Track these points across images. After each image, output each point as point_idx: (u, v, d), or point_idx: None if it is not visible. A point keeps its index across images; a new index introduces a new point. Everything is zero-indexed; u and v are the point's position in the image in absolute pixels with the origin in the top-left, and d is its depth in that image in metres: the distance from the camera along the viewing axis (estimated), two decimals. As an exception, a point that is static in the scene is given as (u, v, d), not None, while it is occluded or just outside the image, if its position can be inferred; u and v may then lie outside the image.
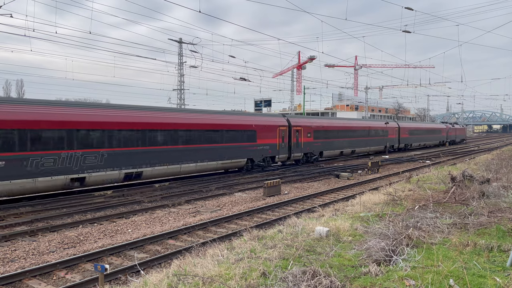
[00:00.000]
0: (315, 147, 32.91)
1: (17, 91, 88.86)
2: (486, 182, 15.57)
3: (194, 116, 23.01)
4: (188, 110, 25.45)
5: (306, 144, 31.49)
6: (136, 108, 20.59)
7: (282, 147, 28.75)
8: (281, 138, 28.44)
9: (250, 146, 25.96)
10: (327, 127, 34.77)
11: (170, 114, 21.81)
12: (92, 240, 11.29)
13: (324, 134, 34.04)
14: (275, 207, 15.93)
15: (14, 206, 14.99)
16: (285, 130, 29.17)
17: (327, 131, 34.62)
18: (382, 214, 11.01)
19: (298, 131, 30.56)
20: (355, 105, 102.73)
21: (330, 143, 34.83)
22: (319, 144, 33.37)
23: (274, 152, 28.04)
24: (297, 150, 30.59)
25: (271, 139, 27.68)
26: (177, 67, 51.54)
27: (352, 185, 21.61)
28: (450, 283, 5.77)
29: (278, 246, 7.96)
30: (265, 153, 27.18)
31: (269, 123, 27.96)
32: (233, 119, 25.37)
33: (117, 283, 7.75)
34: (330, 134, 34.98)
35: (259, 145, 26.59)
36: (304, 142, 31.23)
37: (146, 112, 20.39)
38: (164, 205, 15.84)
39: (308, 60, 63.59)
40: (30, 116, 15.37)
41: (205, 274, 6.34)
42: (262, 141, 26.82)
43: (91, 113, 17.77)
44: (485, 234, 8.69)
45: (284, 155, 29.20)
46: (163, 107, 25.74)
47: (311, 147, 32.32)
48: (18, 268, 8.99)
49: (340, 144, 36.26)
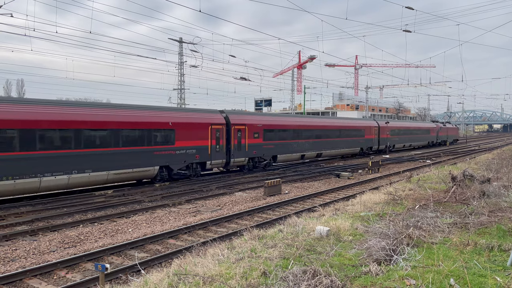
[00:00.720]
0: (266, 150, 27.21)
1: (18, 91, 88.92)
2: (486, 181, 15.58)
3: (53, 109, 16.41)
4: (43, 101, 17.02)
5: (252, 147, 25.93)
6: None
7: (217, 150, 23.28)
8: (214, 139, 23.05)
9: (165, 149, 20.34)
10: (282, 126, 28.96)
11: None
12: (92, 240, 11.30)
13: (278, 134, 28.31)
14: (276, 207, 15.93)
15: (15, 206, 15.00)
16: (221, 129, 23.65)
17: (282, 131, 28.85)
18: (382, 213, 11.00)
19: (240, 131, 25.08)
20: (355, 104, 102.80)
21: (286, 146, 29.00)
22: (271, 146, 27.64)
23: (204, 157, 22.51)
24: (239, 154, 25.02)
25: (199, 141, 22.22)
26: (178, 66, 51.59)
27: (353, 185, 21.61)
28: (451, 282, 5.76)
29: (279, 245, 7.97)
30: (190, 158, 21.66)
31: (195, 120, 22.36)
32: (135, 115, 19.39)
33: (118, 283, 7.75)
34: (286, 135, 29.17)
35: (180, 149, 21.05)
36: (249, 144, 25.71)
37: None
38: (164, 205, 15.84)
39: (308, 59, 63.57)
40: None
41: (206, 274, 6.34)
42: (184, 143, 21.30)
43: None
44: (486, 233, 8.69)
45: (219, 160, 23.66)
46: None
47: (260, 150, 26.68)
48: (19, 267, 8.99)
49: (300, 146, 30.50)
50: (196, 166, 22.64)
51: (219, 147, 23.40)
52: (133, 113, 19.36)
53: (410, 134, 51.17)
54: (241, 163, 25.73)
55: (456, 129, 71.09)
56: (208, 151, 22.73)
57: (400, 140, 48.23)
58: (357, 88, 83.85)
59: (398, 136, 47.59)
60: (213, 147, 22.98)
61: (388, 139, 44.87)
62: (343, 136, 36.43)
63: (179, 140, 21.04)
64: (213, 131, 22.98)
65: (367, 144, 40.84)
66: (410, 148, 51.95)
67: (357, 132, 39.18)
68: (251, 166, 26.73)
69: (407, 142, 50.05)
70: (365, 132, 40.43)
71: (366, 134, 40.54)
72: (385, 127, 44.37)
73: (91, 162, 17.13)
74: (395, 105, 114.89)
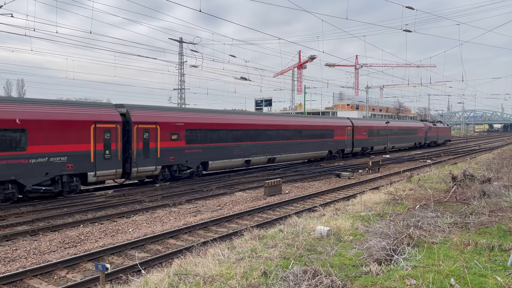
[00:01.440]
0: (190, 156, 21.88)
1: (18, 91, 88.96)
2: (487, 181, 15.58)
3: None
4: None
5: (167, 152, 20.54)
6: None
7: (106, 157, 17.84)
8: (102, 143, 17.65)
9: (8, 157, 14.81)
10: (214, 125, 23.43)
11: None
12: (93, 240, 11.30)
13: (207, 135, 22.83)
14: (276, 207, 15.93)
15: (15, 206, 15.01)
16: (114, 129, 18.13)
17: (214, 131, 23.31)
18: (383, 213, 11.00)
19: (149, 131, 19.63)
20: (355, 104, 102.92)
21: (221, 149, 23.70)
22: (198, 150, 22.25)
23: (82, 167, 17.03)
24: (146, 162, 19.52)
25: (73, 145, 16.72)
26: (178, 66, 51.65)
27: (353, 185, 21.61)
28: (451, 282, 5.76)
29: (279, 245, 7.97)
30: (56, 169, 16.17)
31: (66, 116, 16.67)
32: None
33: (118, 283, 7.76)
34: (221, 136, 23.75)
35: (38, 156, 15.57)
36: (163, 148, 20.35)
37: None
38: (165, 205, 15.84)
39: (308, 59, 63.66)
40: None
41: (206, 274, 6.35)
42: (44, 149, 15.80)
43: None
44: (486, 233, 8.69)
45: (110, 170, 18.11)
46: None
47: (181, 155, 21.31)
48: (19, 267, 8.99)
49: (243, 149, 25.20)
50: (70, 179, 16.99)
51: (109, 153, 18.01)
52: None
53: (393, 135, 45.43)
54: (149, 173, 20.08)
55: (448, 129, 66.25)
56: (91, 159, 17.36)
57: (380, 142, 42.71)
58: (357, 88, 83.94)
59: (377, 137, 42.10)
60: (99, 152, 17.62)
61: (364, 140, 39.52)
62: (306, 137, 31.15)
63: (35, 145, 15.60)
64: (99, 131, 17.63)
65: (337, 146, 35.49)
66: (394, 151, 47.09)
67: (325, 132, 33.51)
68: (167, 176, 21.18)
69: (389, 143, 44.28)
70: (335, 133, 35.03)
71: (337, 135, 35.20)
72: (361, 127, 39.08)
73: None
74: (396, 105, 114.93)
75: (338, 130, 35.39)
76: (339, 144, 35.82)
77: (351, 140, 37.55)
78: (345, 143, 36.60)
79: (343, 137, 36.19)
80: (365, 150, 40.24)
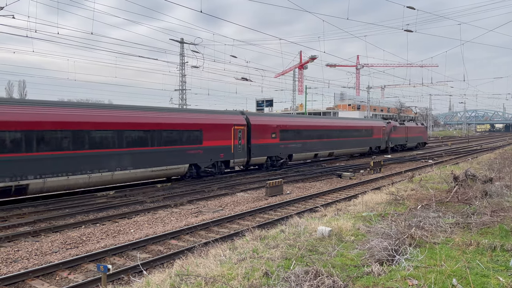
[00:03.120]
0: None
1: (19, 92, 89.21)
2: (489, 181, 15.53)
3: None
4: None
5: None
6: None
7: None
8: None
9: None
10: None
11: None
12: (94, 241, 11.31)
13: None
14: (277, 207, 15.92)
15: (17, 207, 15.04)
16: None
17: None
18: (384, 213, 10.99)
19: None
20: (357, 104, 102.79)
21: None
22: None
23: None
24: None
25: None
26: (179, 67, 51.67)
27: (354, 185, 21.58)
28: (453, 282, 5.75)
29: (281, 246, 7.96)
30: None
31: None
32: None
33: (120, 283, 7.77)
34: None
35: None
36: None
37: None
38: (166, 205, 15.85)
39: (309, 59, 63.73)
40: None
41: (208, 274, 6.35)
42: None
43: None
44: (488, 233, 8.67)
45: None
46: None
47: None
48: (21, 268, 9.01)
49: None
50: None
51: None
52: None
53: (329, 138, 33.60)
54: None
55: (422, 129, 53.51)
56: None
57: (306, 147, 30.90)
58: (358, 88, 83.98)
59: (301, 141, 30.31)
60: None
61: (275, 145, 27.81)
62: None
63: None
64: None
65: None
66: (330, 159, 35.93)
67: (190, 135, 22.19)
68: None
69: (319, 149, 32.45)
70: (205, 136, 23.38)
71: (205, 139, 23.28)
72: (265, 126, 27.14)
73: None
74: (397, 105, 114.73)
75: (221, 130, 27.92)
76: (226, 153, 27.31)
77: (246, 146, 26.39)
78: (230, 152, 27.95)
79: (228, 142, 29.36)
80: (275, 162, 28.35)
